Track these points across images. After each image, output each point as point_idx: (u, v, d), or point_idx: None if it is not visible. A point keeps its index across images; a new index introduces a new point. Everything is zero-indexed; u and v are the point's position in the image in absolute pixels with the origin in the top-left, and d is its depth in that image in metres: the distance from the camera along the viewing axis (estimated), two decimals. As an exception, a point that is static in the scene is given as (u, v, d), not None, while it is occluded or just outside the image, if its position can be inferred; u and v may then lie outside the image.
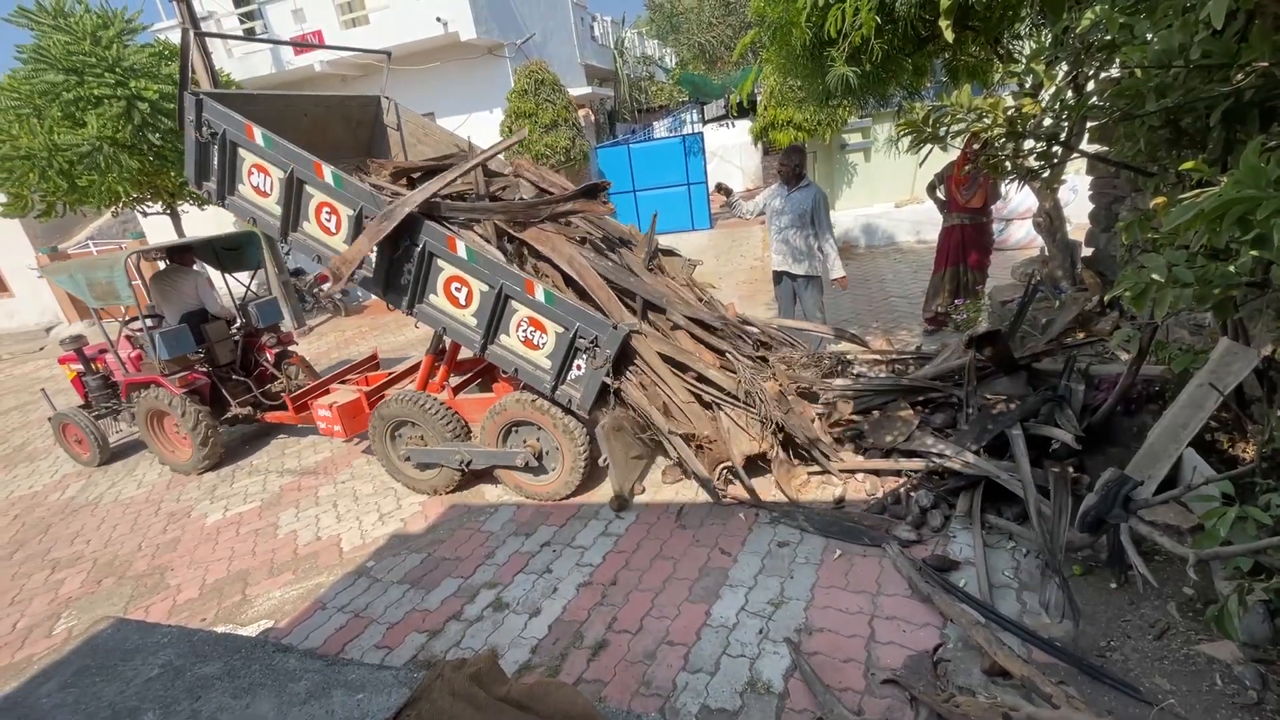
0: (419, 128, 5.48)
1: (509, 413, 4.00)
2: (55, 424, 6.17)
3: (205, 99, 4.00)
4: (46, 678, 2.32)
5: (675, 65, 20.02)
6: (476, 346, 3.85)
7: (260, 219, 4.21)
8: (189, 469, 5.55)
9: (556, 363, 3.65)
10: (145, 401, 5.41)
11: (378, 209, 3.71)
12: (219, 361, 5.73)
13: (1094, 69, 2.42)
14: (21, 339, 15.45)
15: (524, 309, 3.65)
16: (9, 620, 3.91)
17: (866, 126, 10.07)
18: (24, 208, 9.32)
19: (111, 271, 5.00)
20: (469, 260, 3.65)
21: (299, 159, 3.86)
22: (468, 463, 4.17)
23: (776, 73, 4.00)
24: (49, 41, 8.23)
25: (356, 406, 4.81)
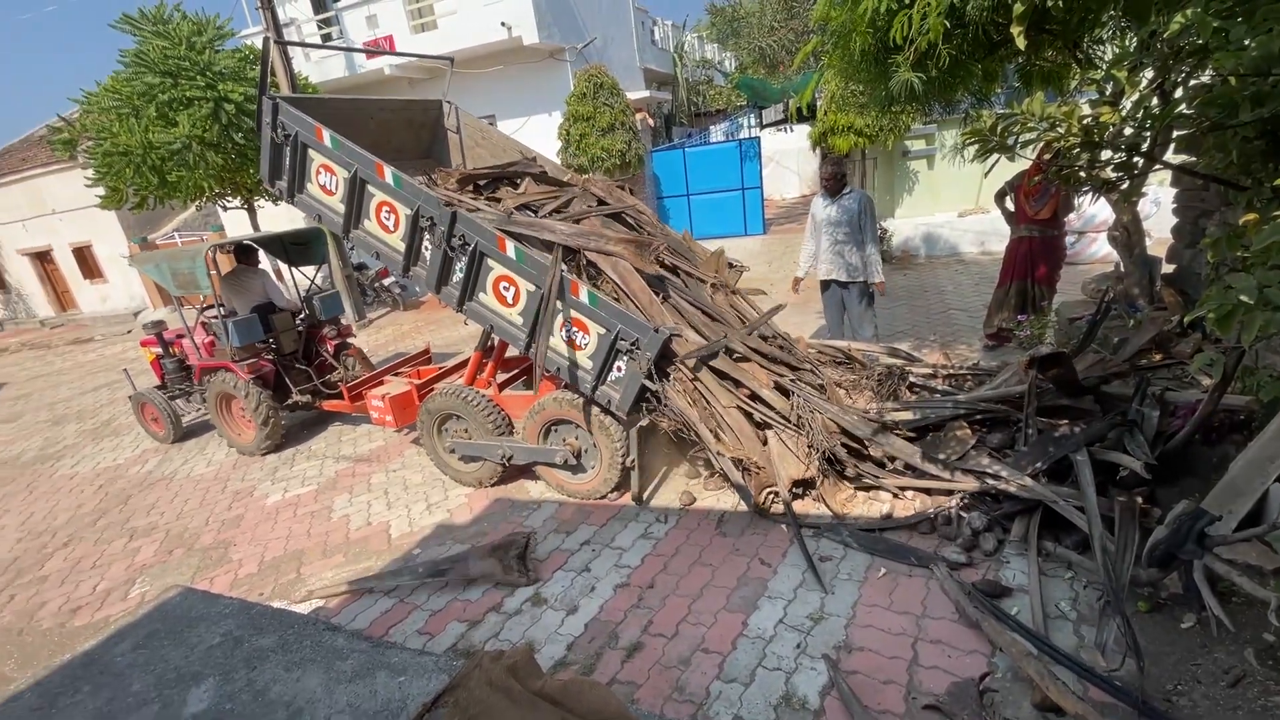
0: (477, 131, 5.65)
1: (549, 411, 4.08)
2: (135, 403, 6.66)
3: (281, 103, 4.23)
4: (122, 638, 2.50)
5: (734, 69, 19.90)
6: (522, 344, 3.94)
7: (325, 216, 4.41)
8: (252, 450, 5.87)
9: (598, 363, 3.70)
10: (215, 385, 5.76)
11: (434, 210, 3.87)
12: (284, 351, 6.05)
13: (1182, 75, 2.27)
14: (113, 322, 16.67)
15: (568, 309, 3.73)
16: (90, 582, 4.22)
17: (931, 133, 9.76)
18: (120, 201, 10.06)
19: (193, 262, 5.35)
20: (517, 261, 3.74)
21: (362, 160, 4.03)
22: (509, 457, 4.27)
23: (837, 77, 3.91)
24: (149, 46, 8.87)
25: (407, 398, 4.99)
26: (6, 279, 20.06)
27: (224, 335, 5.57)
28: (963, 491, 3.29)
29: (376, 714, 1.97)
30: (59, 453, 7.08)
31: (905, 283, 8.57)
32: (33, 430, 8.19)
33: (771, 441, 3.67)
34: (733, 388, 3.76)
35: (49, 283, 19.52)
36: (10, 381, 11.79)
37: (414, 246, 4.12)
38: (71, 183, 15.45)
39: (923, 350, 5.67)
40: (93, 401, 9.10)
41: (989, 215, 9.32)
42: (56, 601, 4.05)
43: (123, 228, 16.75)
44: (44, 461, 6.88)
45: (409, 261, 4.19)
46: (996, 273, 5.71)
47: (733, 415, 3.67)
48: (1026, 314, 5.25)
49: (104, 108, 9.16)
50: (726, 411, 3.67)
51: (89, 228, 17.23)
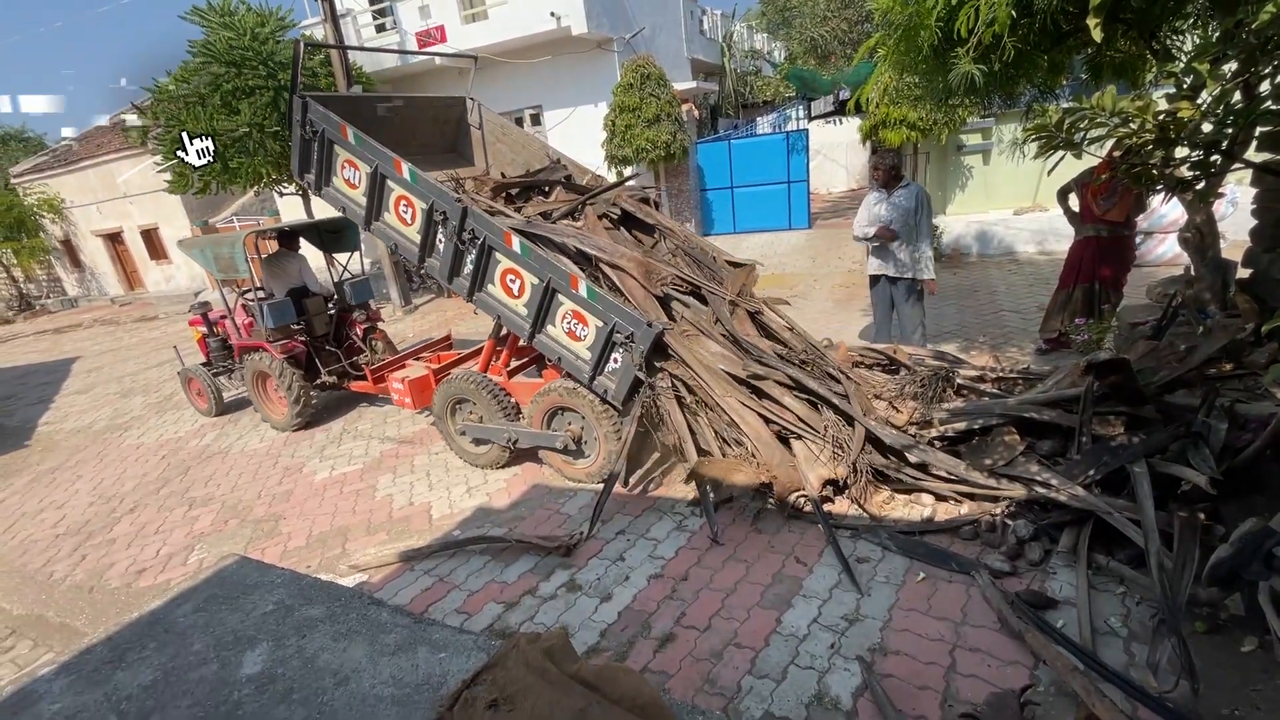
0: (498, 128, 5.83)
1: (551, 398, 4.27)
2: (182, 377, 7.16)
3: (310, 101, 4.44)
4: (184, 600, 2.65)
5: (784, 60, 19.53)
6: (526, 334, 4.14)
7: (349, 208, 4.64)
8: (284, 426, 6.21)
9: (595, 354, 3.86)
10: (252, 363, 6.12)
11: (447, 205, 4.07)
12: (315, 333, 6.35)
13: (1270, 68, 2.13)
14: (175, 301, 17.52)
15: (569, 302, 3.89)
16: (154, 547, 4.49)
17: (988, 127, 9.41)
18: (185, 186, 10.55)
19: (233, 248, 5.65)
20: (522, 255, 3.92)
21: (382, 156, 4.24)
22: (514, 441, 4.48)
23: (893, 69, 3.80)
24: (216, 38, 9.24)
25: (425, 382, 5.27)
26: (82, 259, 21.30)
27: (260, 316, 5.90)
28: (1009, 499, 3.19)
29: (418, 687, 2.04)
30: (126, 423, 7.51)
31: (955, 282, 8.32)
32: (103, 401, 8.70)
33: (797, 446, 3.66)
34: (750, 397, 3.81)
35: (119, 263, 20.64)
36: (84, 355, 12.54)
37: (429, 239, 4.32)
38: (141, 168, 16.26)
39: (971, 352, 5.51)
40: (157, 376, 9.60)
41: (1047, 214, 8.95)
42: (123, 563, 4.32)
43: (186, 211, 17.57)
44: (113, 431, 7.31)
45: (424, 253, 4.38)
46: (1052, 274, 5.49)
47: (749, 422, 3.68)
48: (1084, 318, 5.03)
49: (173, 97, 9.61)
50: (742, 419, 3.69)
51: (156, 211, 18.13)
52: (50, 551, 4.68)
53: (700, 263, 4.68)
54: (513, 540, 3.65)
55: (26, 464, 6.73)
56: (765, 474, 3.51)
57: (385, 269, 11.66)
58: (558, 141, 12.95)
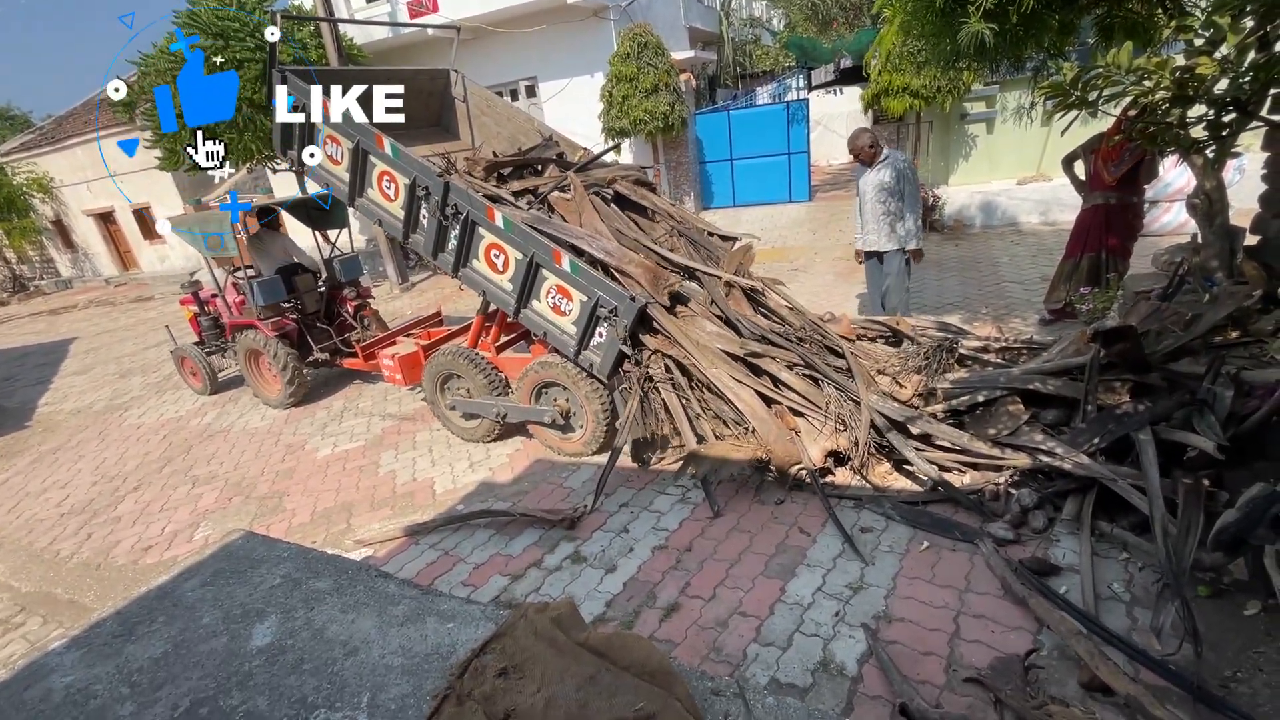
0: (483, 100, 5.73)
1: (538, 374, 4.31)
2: (175, 357, 7.15)
3: (290, 75, 4.38)
4: (191, 574, 2.66)
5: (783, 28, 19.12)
6: (511, 309, 4.14)
7: (334, 185, 4.61)
8: (277, 404, 6.24)
9: (580, 329, 3.86)
10: (245, 341, 6.10)
11: (429, 180, 4.02)
12: (306, 310, 6.32)
13: None
14: (171, 281, 17.35)
15: (553, 277, 3.87)
16: (159, 524, 4.50)
17: (992, 95, 9.24)
18: (176, 163, 10.37)
19: (222, 225, 5.63)
20: (505, 230, 3.91)
21: (364, 131, 4.20)
22: (503, 415, 4.52)
23: (898, 33, 3.71)
24: (201, 8, 8.99)
25: (415, 358, 5.27)
26: (74, 239, 21.07)
27: (250, 294, 5.90)
28: (1013, 468, 3.20)
29: (427, 656, 2.05)
30: (126, 403, 7.50)
31: (957, 254, 8.25)
32: (102, 382, 8.68)
33: (799, 421, 3.66)
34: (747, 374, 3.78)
35: (112, 243, 20.42)
36: (81, 336, 12.48)
37: (412, 214, 4.28)
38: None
39: (974, 324, 5.48)
40: (155, 357, 9.56)
41: (1051, 183, 8.84)
42: (129, 541, 4.34)
43: (178, 190, 17.32)
44: (113, 411, 7.30)
45: (408, 229, 4.36)
46: (1055, 244, 5.45)
47: (744, 399, 3.67)
48: (1089, 287, 4.99)
49: (160, 70, 9.39)
50: (736, 396, 3.66)
51: (148, 189, 17.86)
52: (56, 530, 4.70)
53: (696, 243, 4.64)
54: (517, 514, 3.66)
55: (28, 445, 6.73)
56: (762, 450, 3.51)
57: (381, 246, 11.54)
58: (554, 113, 12.72)
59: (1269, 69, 1.86)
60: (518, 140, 5.52)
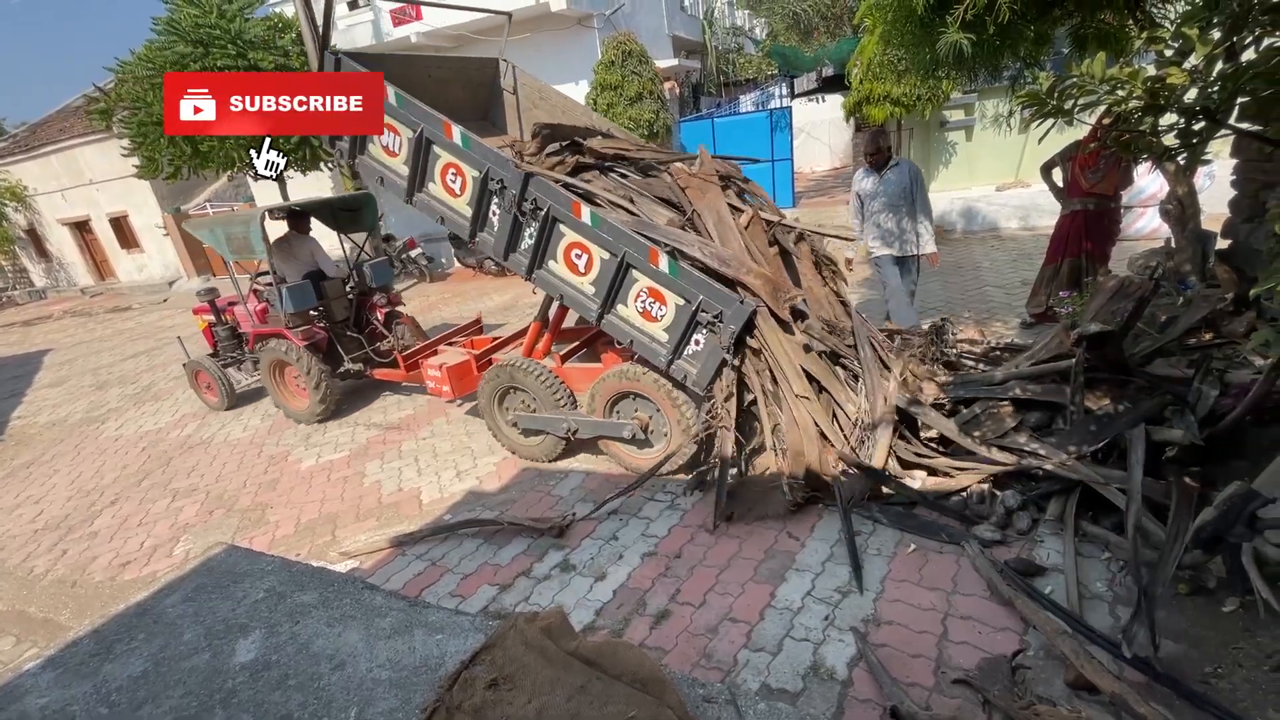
0: (535, 92, 5.36)
1: (618, 384, 3.96)
2: (189, 370, 6.69)
3: (343, 58, 4.06)
4: (172, 590, 2.61)
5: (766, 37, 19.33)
6: (593, 315, 3.80)
7: (388, 179, 4.24)
8: (306, 418, 5.89)
9: (674, 336, 3.56)
10: (269, 352, 5.75)
11: (506, 172, 3.68)
12: (335, 318, 5.99)
13: (1255, 34, 2.13)
14: (149, 291, 17.13)
15: (645, 279, 3.56)
16: (137, 539, 4.41)
17: (970, 103, 9.41)
18: (155, 171, 10.24)
19: (248, 227, 5.28)
20: (593, 226, 3.56)
21: (428, 118, 3.84)
22: (574, 431, 4.17)
23: (878, 42, 3.77)
24: (181, 15, 8.91)
25: (465, 368, 4.93)
26: (48, 248, 20.68)
27: (278, 302, 5.56)
28: (1000, 468, 3.23)
29: (415, 669, 2.03)
30: (103, 416, 7.35)
31: (940, 258, 8.35)
32: (78, 394, 8.50)
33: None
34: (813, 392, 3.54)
35: (88, 252, 20.07)
36: (55, 347, 12.23)
37: (482, 211, 3.94)
38: (108, 153, 15.74)
39: (957, 327, 5.55)
40: (133, 368, 9.39)
41: (1029, 189, 9.01)
42: (106, 556, 4.24)
43: (157, 198, 17.07)
44: (90, 424, 7.15)
45: (475, 227, 4.02)
46: (1035, 249, 5.54)
47: (803, 419, 3.47)
48: (1068, 291, 5.08)
49: (138, 77, 9.28)
50: (800, 414, 3.47)
51: (125, 198, 17.60)
52: (29, 547, 4.59)
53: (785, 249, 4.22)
54: (505, 523, 3.64)
55: (0, 459, 6.57)
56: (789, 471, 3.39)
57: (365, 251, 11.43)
58: (539, 122, 12.71)
59: (1236, 79, 1.92)
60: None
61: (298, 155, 10.32)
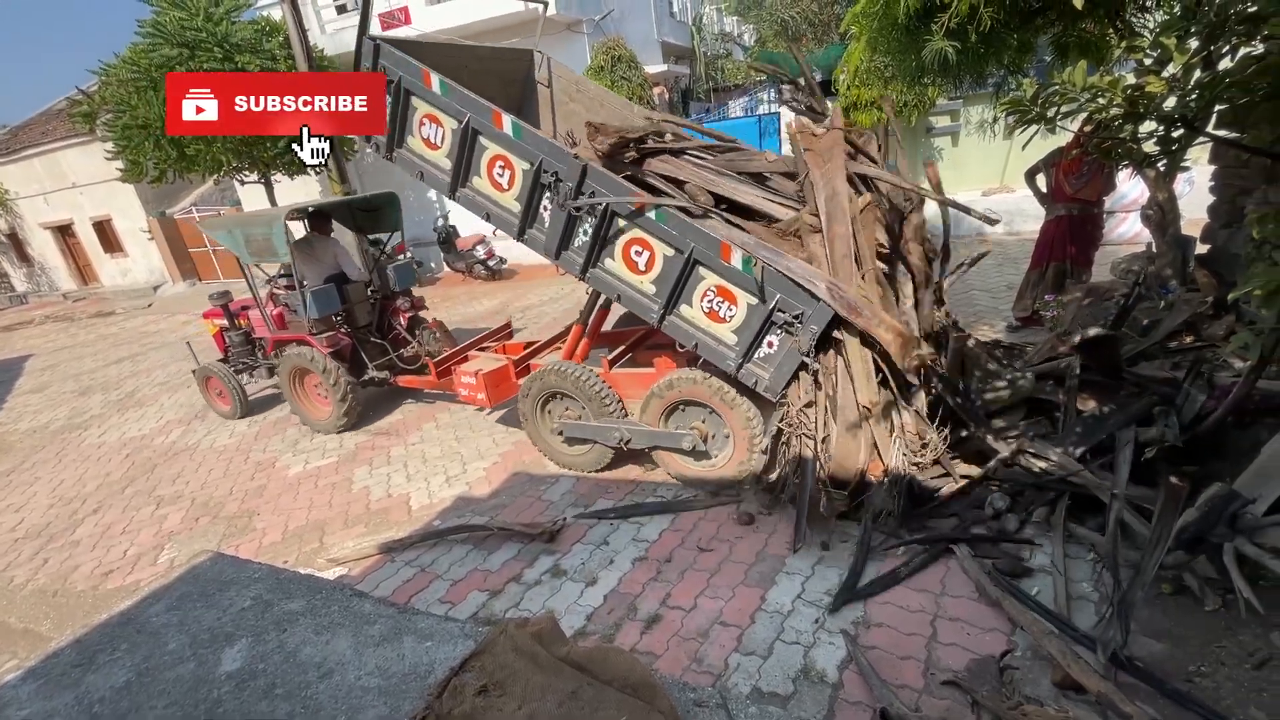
0: (571, 85, 5.11)
1: (679, 391, 3.71)
2: (199, 377, 6.42)
3: (383, 44, 3.83)
4: (156, 599, 2.58)
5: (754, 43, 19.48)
6: (654, 317, 3.57)
7: (428, 173, 4.02)
8: (328, 428, 5.63)
9: (745, 338, 3.34)
10: (290, 359, 5.48)
11: (561, 164, 3.47)
12: (357, 324, 5.73)
13: (1232, 44, 2.18)
14: (133, 296, 16.91)
15: (713, 277, 3.33)
16: (120, 548, 4.34)
17: (956, 109, 9.53)
18: (139, 174, 10.13)
19: (270, 228, 5.04)
20: (658, 221, 3.35)
21: (477, 107, 3.63)
22: (627, 441, 3.93)
23: (865, 49, 3.81)
24: (166, 18, 8.84)
25: (502, 375, 4.67)
26: (29, 252, 20.37)
27: (302, 306, 5.26)
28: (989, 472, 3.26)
29: (405, 677, 2.02)
30: (85, 422, 7.23)
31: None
32: (59, 400, 8.37)
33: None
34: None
35: (70, 256, 19.78)
36: (36, 353, 12.03)
37: (532, 206, 3.72)
38: (92, 156, 15.54)
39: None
40: (117, 373, 9.26)
41: (1014, 194, 9.13)
42: (89, 565, 4.17)
43: (141, 202, 16.88)
44: (72, 430, 7.04)
45: (525, 223, 3.79)
46: (1020, 254, 5.62)
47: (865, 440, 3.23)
48: (1053, 294, 5.16)
49: (122, 80, 9.18)
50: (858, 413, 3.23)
51: (109, 202, 17.37)
52: (9, 556, 4.50)
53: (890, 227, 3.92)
54: (495, 528, 3.62)
55: (-21, 467, 6.45)
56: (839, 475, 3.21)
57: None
58: (528, 126, 12.72)
59: (1213, 87, 1.96)
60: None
61: (285, 160, 10.27)
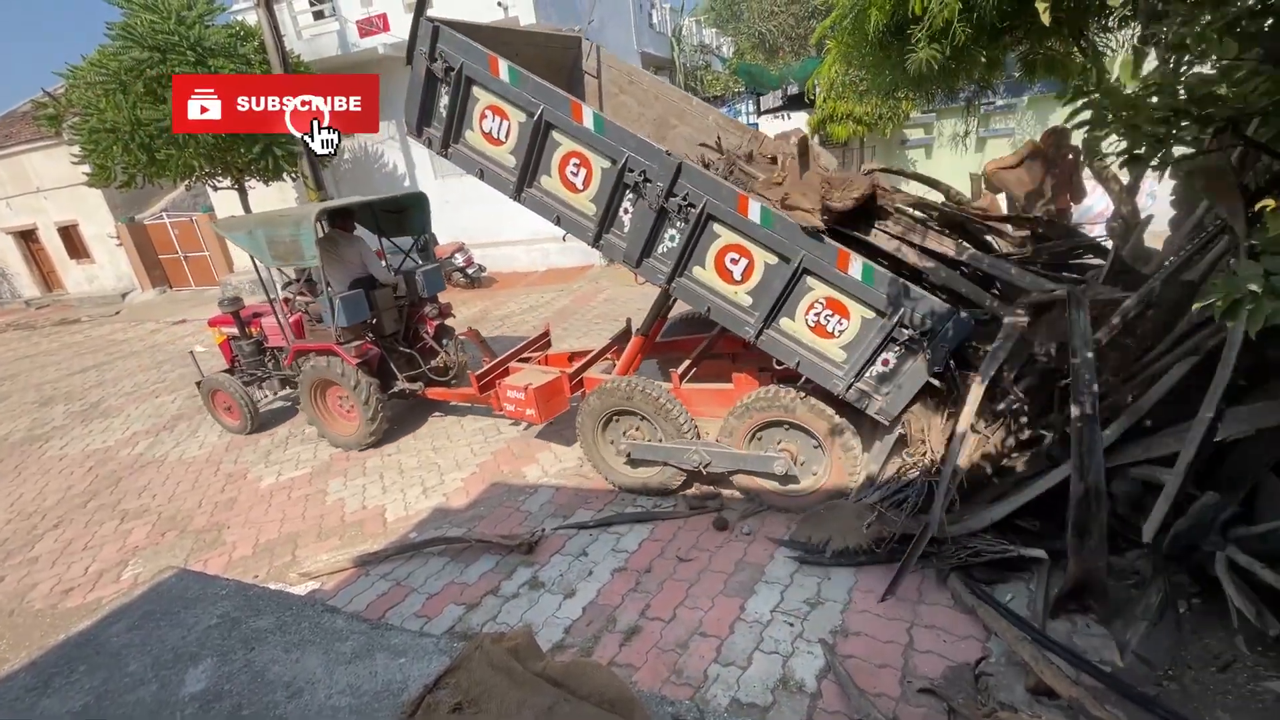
0: (622, 75, 4.75)
1: (766, 411, 3.44)
2: (205, 390, 5.97)
3: (442, 27, 3.50)
4: (117, 618, 2.49)
5: (732, 55, 19.73)
6: (750, 331, 3.30)
7: (489, 171, 3.69)
8: (351, 444, 5.26)
9: (856, 355, 3.10)
10: (312, 370, 5.09)
11: (652, 161, 3.17)
12: (384, 332, 5.35)
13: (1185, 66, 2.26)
14: (100, 303, 16.46)
15: (822, 288, 3.08)
16: (82, 564, 4.19)
17: (929, 122, 9.74)
18: (107, 179, 9.89)
19: (297, 229, 4.67)
20: (763, 225, 3.06)
21: (552, 98, 3.31)
22: (706, 465, 3.60)
23: (839, 62, 3.87)
24: (137, 20, 8.68)
25: (554, 389, 4.31)
26: (-10, 258, 19.73)
27: (329, 314, 4.91)
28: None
29: (377, 695, 1.97)
30: (47, 434, 7.00)
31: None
32: (20, 411, 8.09)
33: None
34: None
35: (34, 262, 19.21)
36: (-4, 362, 11.63)
37: (611, 209, 3.41)
38: (57, 160, 15.15)
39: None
40: (81, 383, 8.99)
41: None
42: (48, 583, 4.02)
43: (109, 207, 16.48)
44: (32, 442, 6.80)
45: (602, 228, 3.49)
46: (993, 263, 5.71)
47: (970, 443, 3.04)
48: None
49: (90, 83, 8.98)
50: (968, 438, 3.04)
51: (75, 206, 16.93)
52: (-37, 574, 4.32)
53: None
54: (472, 540, 3.57)
55: (-68, 481, 6.19)
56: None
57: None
58: (508, 134, 12.70)
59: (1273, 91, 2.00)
60: (668, 123, 4.45)
61: (260, 165, 10.11)
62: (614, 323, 4.81)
